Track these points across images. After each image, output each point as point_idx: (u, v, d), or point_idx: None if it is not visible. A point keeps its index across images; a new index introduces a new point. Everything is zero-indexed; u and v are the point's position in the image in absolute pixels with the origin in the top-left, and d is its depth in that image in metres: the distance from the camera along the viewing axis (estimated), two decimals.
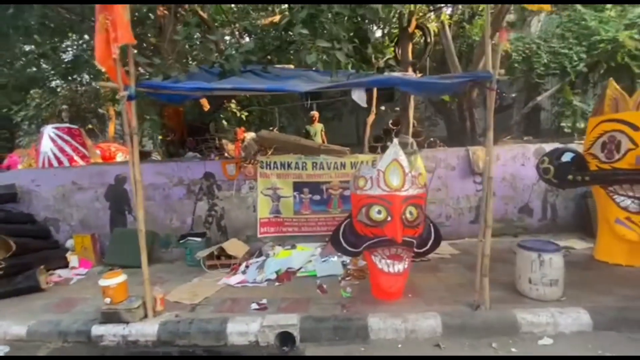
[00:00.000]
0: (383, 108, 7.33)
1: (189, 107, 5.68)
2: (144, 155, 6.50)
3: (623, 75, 6.78)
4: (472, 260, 4.45)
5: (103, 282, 3.21)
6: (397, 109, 6.44)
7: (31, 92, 8.63)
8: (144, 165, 5.24)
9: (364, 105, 3.13)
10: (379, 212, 3.22)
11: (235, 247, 4.70)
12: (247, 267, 4.50)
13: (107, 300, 3.21)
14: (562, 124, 7.13)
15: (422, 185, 3.39)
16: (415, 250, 3.46)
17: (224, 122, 6.36)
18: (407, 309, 3.25)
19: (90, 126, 9.36)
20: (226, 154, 5.69)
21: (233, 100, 6.52)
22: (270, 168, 5.06)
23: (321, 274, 4.15)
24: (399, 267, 3.33)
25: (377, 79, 3.21)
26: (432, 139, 7.02)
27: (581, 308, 3.03)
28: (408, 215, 3.23)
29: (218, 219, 5.10)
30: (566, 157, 4.28)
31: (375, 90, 5.84)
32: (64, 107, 8.97)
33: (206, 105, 5.44)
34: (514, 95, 6.66)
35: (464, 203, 5.38)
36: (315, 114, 7.00)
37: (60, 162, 5.83)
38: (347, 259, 4.34)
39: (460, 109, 7.24)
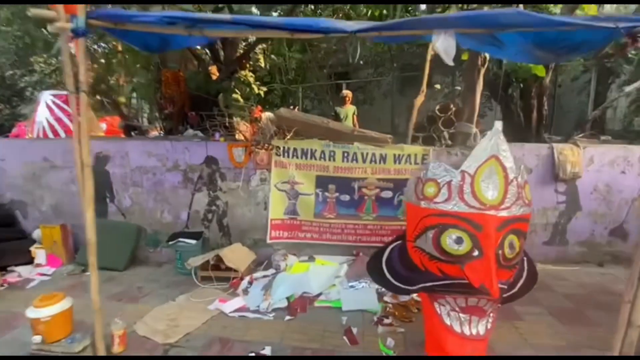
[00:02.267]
0: (438, 86, 5.87)
1: (192, 72, 4.48)
2: (134, 130, 5.38)
3: None
4: (557, 303, 3.16)
5: (31, 313, 2.11)
6: (458, 87, 5.00)
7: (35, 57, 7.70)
8: (131, 143, 4.17)
9: (450, 62, 1.80)
10: (459, 240, 1.93)
11: (237, 255, 3.55)
12: (250, 283, 3.37)
13: (37, 338, 2.11)
14: None
15: (529, 201, 2.06)
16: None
17: (238, 97, 5.12)
18: None
19: (97, 97, 8.35)
20: (237, 136, 4.48)
21: (249, 70, 5.26)
22: (288, 156, 3.83)
23: (348, 307, 2.94)
24: (481, 327, 2.06)
25: (488, 14, 1.85)
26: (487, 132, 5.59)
27: None
28: (507, 250, 1.93)
29: (220, 216, 3.96)
30: None
31: (428, 63, 4.41)
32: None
33: (215, 73, 4.23)
34: None
35: (539, 218, 3.98)
36: (347, 93, 5.65)
37: (56, 134, 4.90)
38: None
39: (527, 96, 5.71)
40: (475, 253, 1.90)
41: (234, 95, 5.16)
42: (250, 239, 3.93)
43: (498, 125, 1.92)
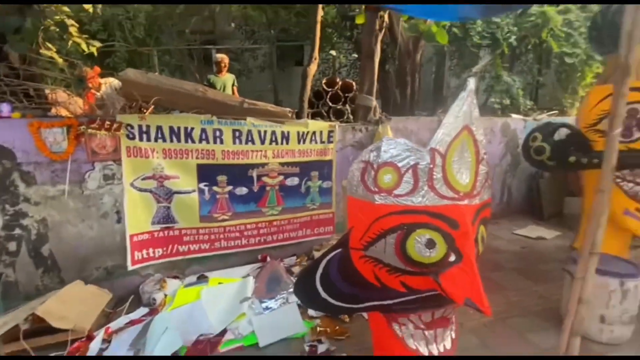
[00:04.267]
0: (334, 53, 5.28)
1: None
2: None
3: (548, 54, 6.59)
4: None
5: None
6: (354, 55, 4.56)
7: None
8: None
9: None
10: (430, 243, 1.42)
11: (73, 303, 2.21)
12: (107, 341, 2.17)
13: None
14: (492, 99, 6.62)
15: (491, 181, 1.72)
16: None
17: (53, 54, 3.25)
18: None
19: None
20: (54, 110, 2.82)
21: (70, 17, 3.42)
22: (149, 139, 2.60)
23: (267, 341, 2.16)
24: (447, 341, 1.66)
25: None
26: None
27: None
28: (480, 247, 1.55)
29: (33, 243, 2.42)
30: (561, 134, 3.35)
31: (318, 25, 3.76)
32: None
33: None
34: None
35: None
36: (223, 57, 4.47)
37: None
38: None
39: (402, 72, 5.90)
40: (452, 258, 1.42)
41: (48, 52, 3.30)
42: (99, 268, 2.60)
43: (471, 82, 1.45)
